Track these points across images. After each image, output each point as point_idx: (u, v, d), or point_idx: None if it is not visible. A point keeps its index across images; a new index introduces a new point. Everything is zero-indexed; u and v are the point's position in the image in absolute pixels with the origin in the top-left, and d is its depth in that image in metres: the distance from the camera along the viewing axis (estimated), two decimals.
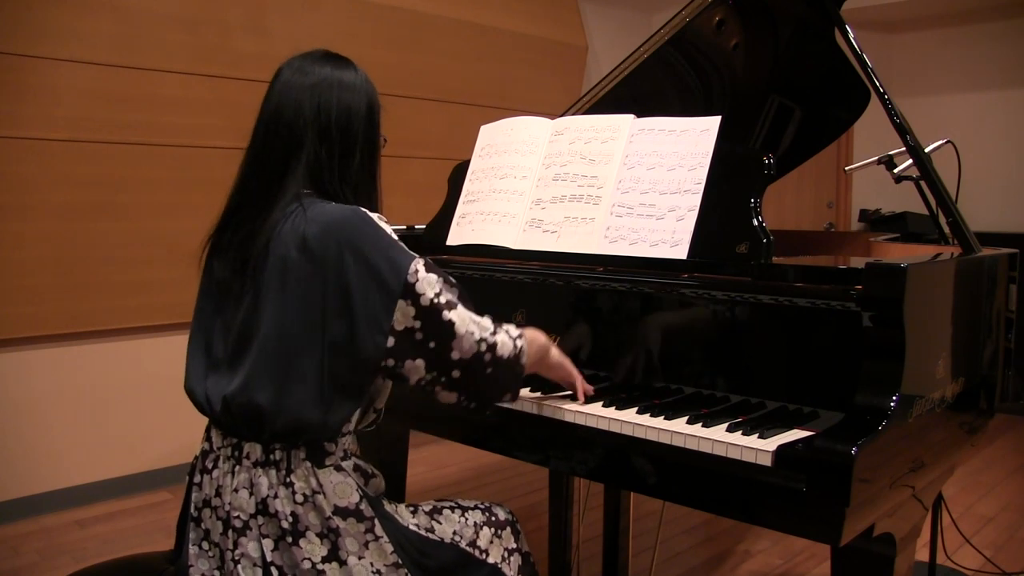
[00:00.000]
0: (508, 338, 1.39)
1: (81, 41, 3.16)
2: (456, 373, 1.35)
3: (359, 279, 1.30)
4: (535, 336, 1.51)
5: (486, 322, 1.38)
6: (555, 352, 1.56)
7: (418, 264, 1.33)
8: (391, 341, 1.31)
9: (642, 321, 1.69)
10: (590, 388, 1.60)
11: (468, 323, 1.35)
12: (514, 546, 1.56)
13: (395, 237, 1.35)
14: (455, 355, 1.34)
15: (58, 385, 3.30)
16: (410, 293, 1.30)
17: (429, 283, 1.32)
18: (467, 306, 1.37)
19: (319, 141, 1.40)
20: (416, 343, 1.32)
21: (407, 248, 1.35)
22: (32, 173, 3.11)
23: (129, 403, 3.48)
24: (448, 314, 1.33)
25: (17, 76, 3.04)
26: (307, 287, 1.32)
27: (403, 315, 1.31)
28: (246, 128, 1.49)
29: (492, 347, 1.36)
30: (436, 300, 1.32)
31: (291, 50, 1.49)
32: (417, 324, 1.31)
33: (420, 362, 1.34)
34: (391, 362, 1.33)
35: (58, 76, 3.13)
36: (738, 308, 1.55)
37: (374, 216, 1.36)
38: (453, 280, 1.38)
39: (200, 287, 1.49)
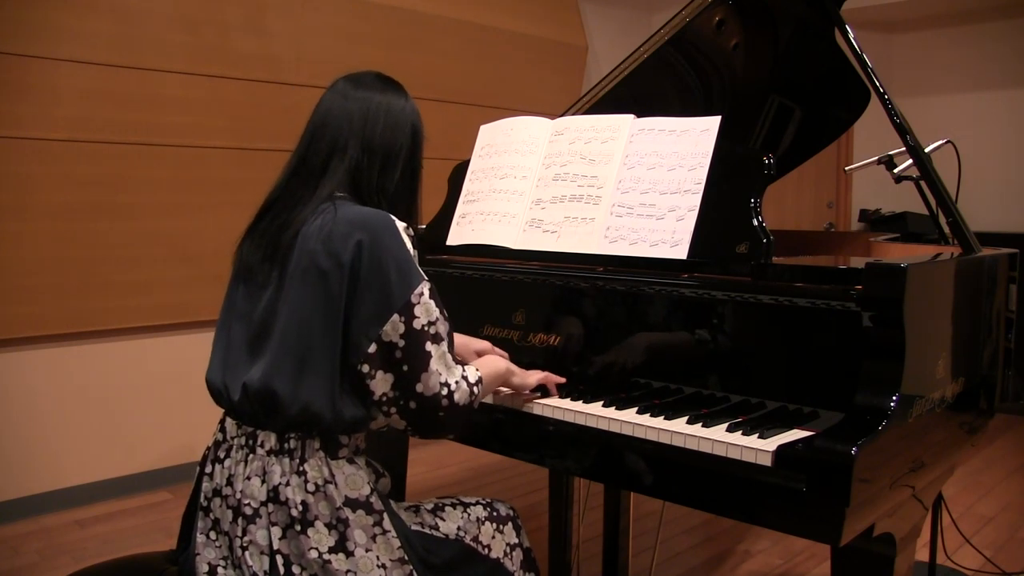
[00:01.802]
0: (467, 386, 1.42)
1: (81, 41, 3.16)
2: (413, 404, 1.38)
3: (368, 279, 1.34)
4: (495, 366, 1.58)
5: (456, 368, 1.42)
6: (517, 379, 1.62)
7: (424, 287, 1.37)
8: (373, 348, 1.34)
9: (642, 321, 1.69)
10: (556, 380, 1.68)
11: (440, 363, 1.38)
12: (516, 541, 1.57)
13: (413, 253, 1.40)
14: (419, 387, 1.37)
15: (58, 385, 3.30)
16: (407, 311, 1.35)
17: (427, 309, 1.37)
18: (449, 345, 1.41)
19: (362, 150, 1.46)
20: (392, 359, 1.36)
21: (418, 267, 1.39)
22: (32, 173, 3.11)
23: (129, 403, 3.48)
24: (430, 346, 1.37)
25: (17, 76, 3.04)
26: (328, 282, 1.35)
27: (393, 328, 1.34)
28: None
29: (451, 394, 1.39)
30: (426, 328, 1.36)
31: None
32: (401, 343, 1.35)
33: (390, 376, 1.36)
34: (366, 368, 1.35)
35: (58, 76, 3.13)
36: (738, 308, 1.55)
37: (400, 226, 1.40)
38: (446, 314, 1.42)
39: (230, 278, 1.53)
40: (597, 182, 1.79)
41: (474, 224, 1.96)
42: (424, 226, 2.19)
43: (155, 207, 3.41)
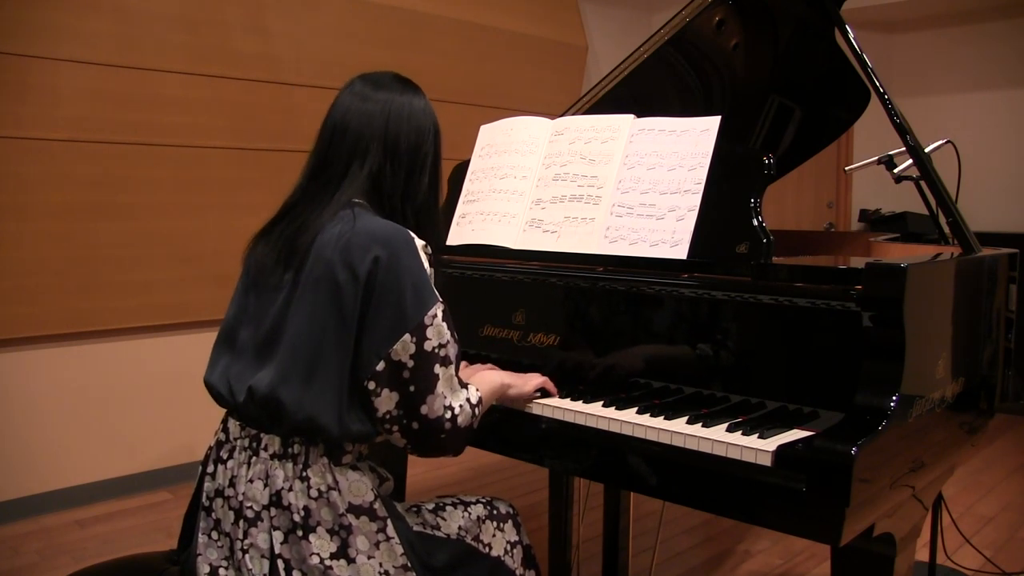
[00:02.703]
0: (469, 408, 1.42)
1: (81, 41, 3.16)
2: (416, 425, 1.37)
3: (382, 296, 1.32)
4: (490, 383, 1.56)
5: (460, 392, 1.41)
6: (515, 391, 1.61)
7: (438, 309, 1.36)
8: (381, 365, 1.33)
9: (642, 321, 1.69)
10: (552, 390, 1.67)
11: (446, 386, 1.37)
12: (516, 539, 1.57)
13: (430, 271, 1.38)
14: (423, 409, 1.36)
15: (58, 385, 3.30)
16: (419, 332, 1.33)
17: (439, 332, 1.35)
18: (456, 367, 1.40)
19: (384, 155, 1.44)
20: (400, 379, 1.34)
21: (433, 287, 1.37)
22: (32, 173, 3.11)
23: (129, 403, 3.48)
24: (438, 369, 1.36)
25: (17, 76, 3.04)
26: (342, 294, 1.33)
27: (403, 348, 1.33)
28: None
29: (455, 417, 1.39)
30: (436, 350, 1.35)
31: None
32: (410, 363, 1.34)
33: (395, 395, 1.35)
34: (372, 385, 1.34)
35: (58, 76, 3.13)
36: (738, 308, 1.55)
37: (419, 244, 1.38)
38: (456, 336, 1.40)
39: (240, 280, 1.51)
40: (597, 182, 1.79)
41: (474, 224, 1.96)
42: None
43: (155, 207, 3.42)
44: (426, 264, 1.38)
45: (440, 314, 1.36)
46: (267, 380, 1.36)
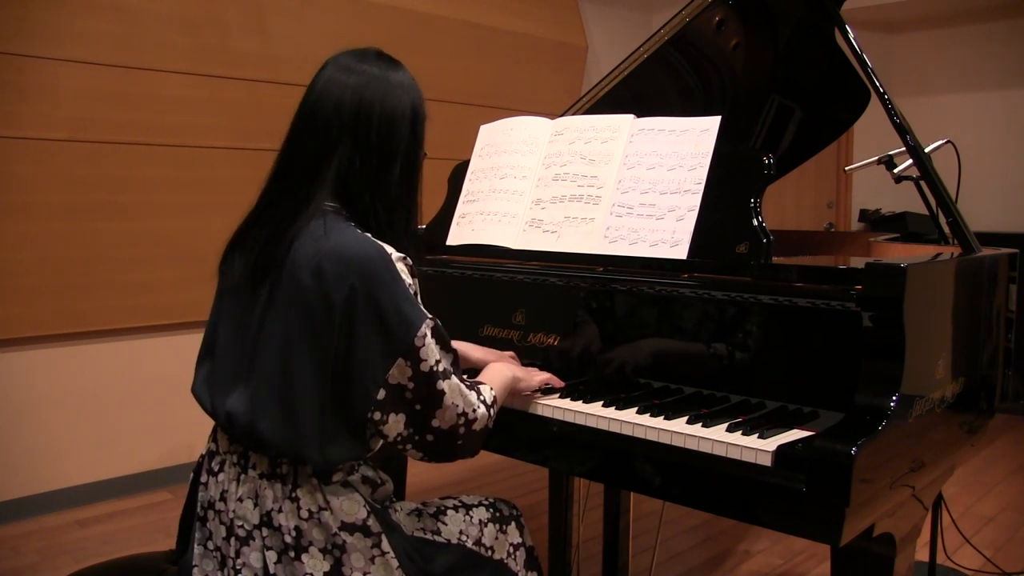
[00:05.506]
0: (484, 409, 1.39)
1: (81, 41, 3.16)
2: (430, 438, 1.34)
3: (365, 325, 1.27)
4: (502, 377, 1.53)
5: (471, 396, 1.38)
6: (523, 384, 1.59)
7: (426, 328, 1.30)
8: (382, 393, 1.29)
9: (642, 321, 1.69)
10: (558, 384, 1.66)
11: (456, 395, 1.34)
12: (519, 541, 1.55)
13: (412, 289, 1.33)
14: (435, 423, 1.33)
15: (58, 385, 3.30)
16: (412, 355, 1.29)
17: (432, 350, 1.31)
18: (458, 374, 1.37)
19: (354, 148, 1.35)
20: (403, 399, 1.31)
21: (419, 304, 1.33)
22: (32, 173, 3.11)
23: (129, 403, 3.48)
24: (441, 384, 1.32)
25: (17, 76, 3.04)
26: (316, 321, 1.28)
27: (399, 372, 1.29)
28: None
29: (470, 423, 1.36)
30: (434, 368, 1.31)
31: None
32: (411, 385, 1.30)
33: (401, 417, 1.31)
34: (377, 415, 1.30)
35: (58, 76, 3.13)
36: (738, 308, 1.55)
37: (395, 257, 1.32)
38: (452, 346, 1.37)
39: (218, 287, 1.47)
40: (597, 182, 1.79)
41: (474, 224, 1.96)
42: (424, 226, 2.19)
43: (155, 207, 3.42)
44: (408, 279, 1.32)
45: (430, 332, 1.30)
46: (244, 410, 1.32)
